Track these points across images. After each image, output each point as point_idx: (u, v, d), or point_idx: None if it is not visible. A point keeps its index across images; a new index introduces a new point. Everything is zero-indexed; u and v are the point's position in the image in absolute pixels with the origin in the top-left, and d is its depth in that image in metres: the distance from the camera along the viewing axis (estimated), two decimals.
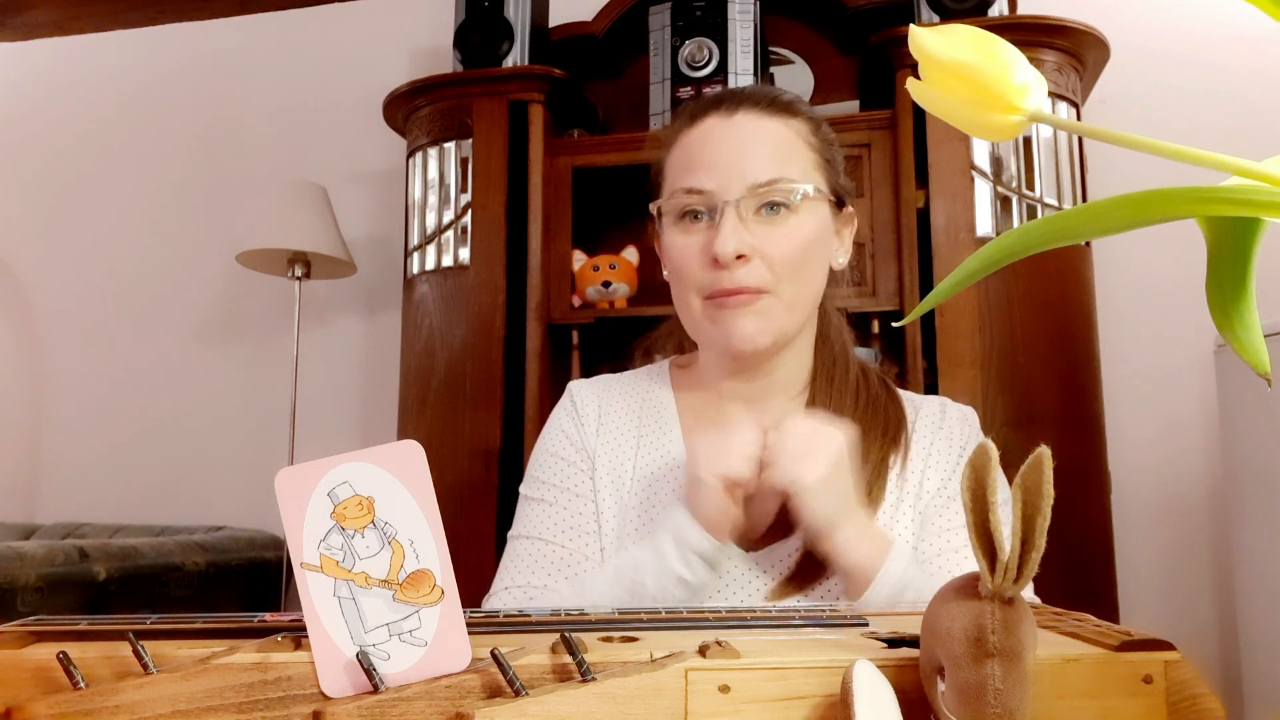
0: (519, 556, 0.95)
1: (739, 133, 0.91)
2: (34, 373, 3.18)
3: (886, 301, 2.07)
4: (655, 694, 0.45)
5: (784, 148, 0.91)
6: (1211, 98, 2.28)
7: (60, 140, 3.25)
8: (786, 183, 0.89)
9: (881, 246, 2.09)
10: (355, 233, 2.80)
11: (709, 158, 0.91)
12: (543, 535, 0.95)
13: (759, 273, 0.88)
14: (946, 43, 0.38)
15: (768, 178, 0.89)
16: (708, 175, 0.90)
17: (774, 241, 0.88)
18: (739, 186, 0.89)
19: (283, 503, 0.48)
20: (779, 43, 2.48)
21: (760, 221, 0.89)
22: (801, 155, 0.92)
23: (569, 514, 0.96)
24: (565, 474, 0.98)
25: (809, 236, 0.90)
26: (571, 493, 0.97)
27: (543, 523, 0.96)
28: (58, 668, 0.46)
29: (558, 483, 0.98)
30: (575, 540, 0.95)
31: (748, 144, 0.90)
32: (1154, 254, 2.22)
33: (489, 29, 2.32)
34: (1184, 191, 0.34)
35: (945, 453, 0.93)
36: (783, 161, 0.90)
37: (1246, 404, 1.73)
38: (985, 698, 0.41)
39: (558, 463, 0.99)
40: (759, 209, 0.89)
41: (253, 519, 2.65)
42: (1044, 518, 0.40)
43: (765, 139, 0.91)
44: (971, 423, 0.97)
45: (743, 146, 0.90)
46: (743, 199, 0.88)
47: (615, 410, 1.01)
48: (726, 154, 0.90)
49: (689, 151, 0.93)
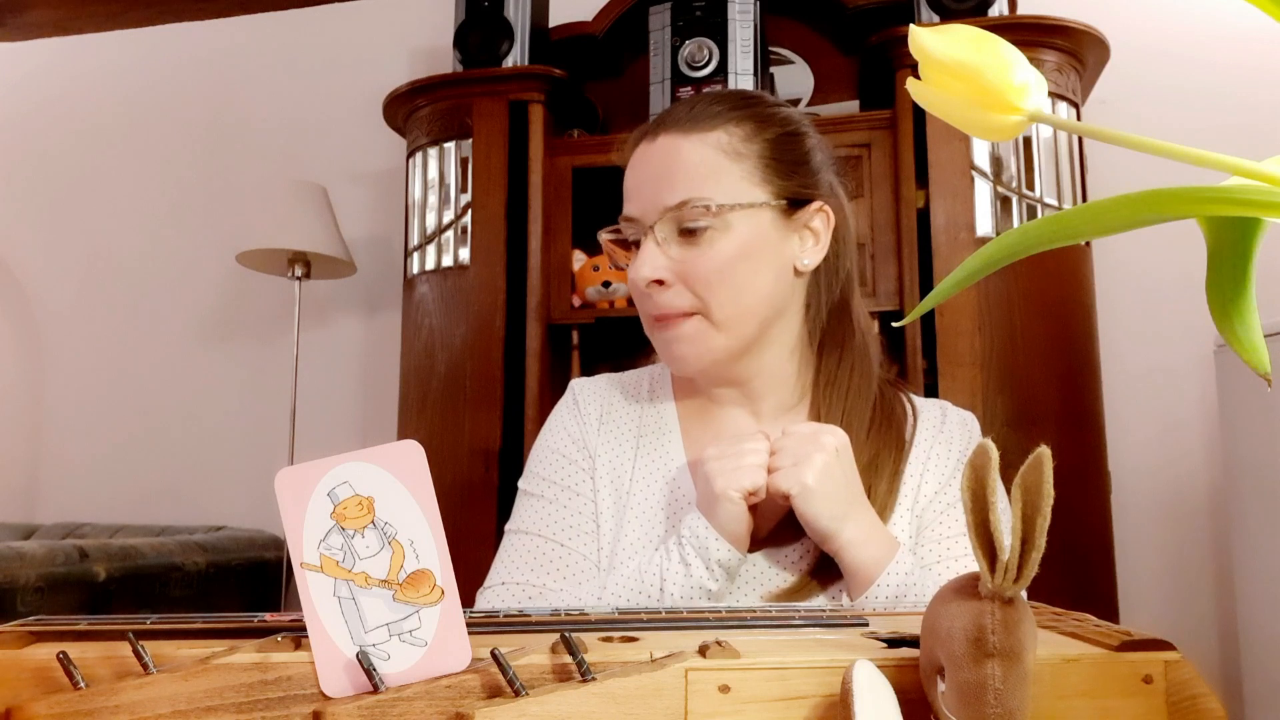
0: (516, 552, 0.95)
1: (656, 156, 0.92)
2: (34, 373, 3.18)
3: (886, 301, 2.07)
4: (655, 694, 0.45)
5: (700, 166, 0.90)
6: (1211, 98, 2.28)
7: (61, 140, 3.25)
8: (699, 200, 0.88)
9: (881, 246, 2.09)
10: (355, 233, 2.80)
11: (635, 185, 0.93)
12: (541, 532, 0.95)
13: (681, 296, 0.89)
14: (946, 43, 0.38)
15: (678, 200, 0.88)
16: (633, 203, 0.92)
17: (694, 262, 0.88)
18: (655, 211, 0.90)
19: (283, 503, 0.48)
20: (779, 43, 2.48)
21: (683, 244, 0.89)
22: (724, 169, 0.90)
23: (568, 512, 0.96)
24: (566, 471, 0.98)
25: (735, 250, 0.89)
26: (572, 491, 0.97)
27: (541, 519, 0.96)
28: (58, 668, 0.46)
29: (558, 480, 0.98)
30: (574, 539, 0.94)
31: (662, 168, 0.91)
32: (1154, 254, 2.22)
33: (489, 29, 2.32)
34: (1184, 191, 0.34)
35: (944, 458, 0.93)
36: (697, 180, 0.89)
37: (1246, 404, 1.73)
38: (985, 698, 0.41)
39: (559, 459, 0.99)
40: (680, 231, 0.89)
41: (253, 519, 2.65)
42: (1044, 518, 0.40)
43: (678, 161, 0.90)
44: (971, 428, 0.97)
45: (657, 171, 0.91)
46: (657, 224, 0.89)
47: (617, 411, 1.01)
48: (645, 180, 0.92)
49: (627, 180, 0.95)
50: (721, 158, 0.90)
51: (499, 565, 0.96)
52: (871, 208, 2.11)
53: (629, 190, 0.94)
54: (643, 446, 0.98)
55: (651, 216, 0.90)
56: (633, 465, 0.97)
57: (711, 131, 0.91)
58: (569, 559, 0.94)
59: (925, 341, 2.00)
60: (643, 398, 1.02)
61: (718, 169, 0.90)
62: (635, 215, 0.92)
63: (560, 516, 0.96)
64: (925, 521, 0.91)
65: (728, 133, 0.91)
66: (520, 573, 0.93)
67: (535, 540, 0.95)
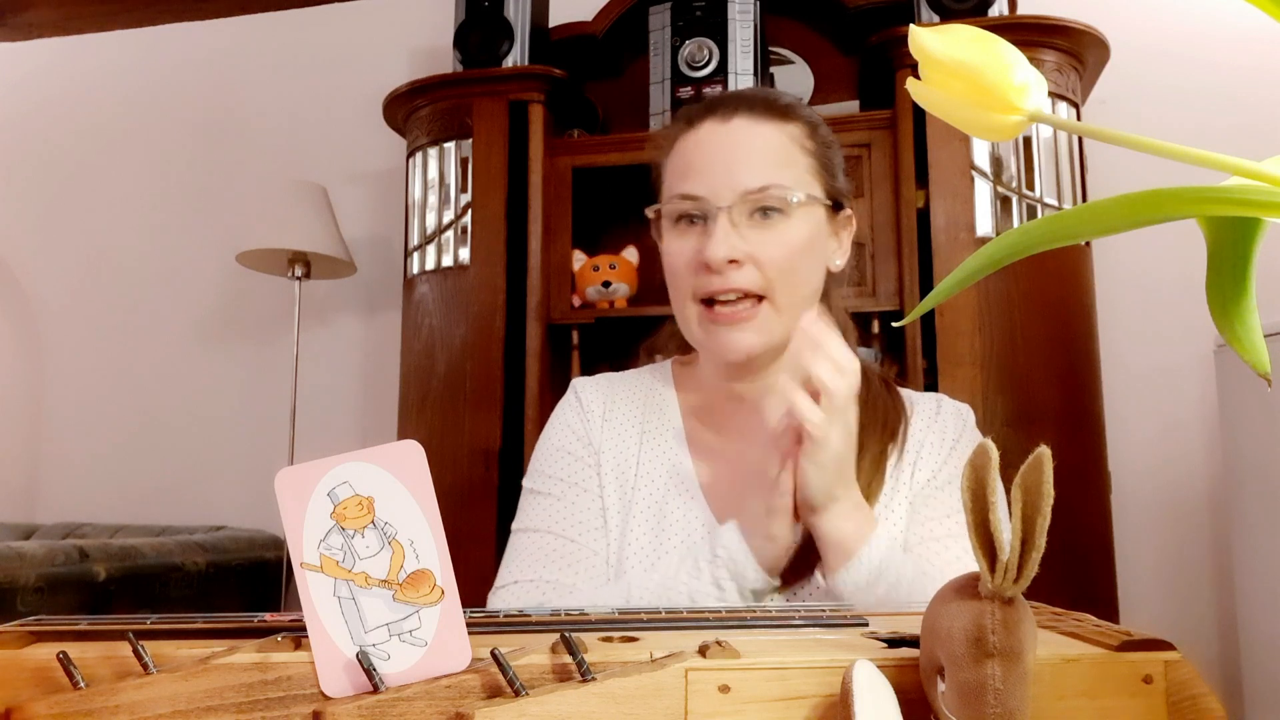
0: (525, 550, 0.95)
1: (734, 138, 0.92)
2: (34, 373, 3.18)
3: (886, 301, 2.07)
4: (655, 694, 0.45)
5: (778, 153, 0.92)
6: (1211, 98, 2.28)
7: (60, 140, 3.25)
8: (779, 189, 0.90)
9: (881, 246, 2.09)
10: (355, 233, 2.80)
11: (704, 163, 0.92)
12: (550, 529, 0.95)
13: (751, 276, 0.89)
14: (946, 43, 0.38)
15: (760, 184, 0.89)
16: (702, 181, 0.91)
17: (766, 247, 0.89)
18: (732, 192, 0.90)
19: (283, 503, 0.48)
20: (779, 43, 2.48)
21: (753, 226, 0.90)
22: (796, 160, 0.93)
23: (576, 508, 0.96)
24: (571, 468, 0.98)
25: (801, 241, 0.91)
26: (579, 487, 0.97)
27: (549, 516, 0.96)
28: (58, 668, 0.46)
29: (564, 477, 0.98)
30: (583, 535, 0.95)
31: (742, 150, 0.91)
32: (1154, 254, 2.21)
33: (489, 29, 2.32)
34: (1184, 191, 0.34)
35: (937, 445, 0.95)
36: (776, 167, 0.91)
37: (1246, 404, 1.73)
38: (985, 698, 0.41)
39: (563, 457, 0.99)
40: (752, 214, 0.90)
41: (253, 519, 2.65)
42: (1044, 518, 0.40)
43: (759, 144, 0.92)
44: (965, 418, 0.98)
45: (737, 152, 0.91)
46: (735, 205, 0.89)
47: (620, 407, 1.01)
48: (721, 160, 0.91)
49: (686, 156, 0.94)
50: (795, 149, 0.93)
51: (510, 564, 0.95)
52: (871, 208, 2.11)
53: (692, 167, 0.92)
54: (646, 442, 0.99)
55: (726, 197, 0.90)
56: (637, 460, 0.98)
57: (787, 122, 0.93)
58: (580, 554, 0.94)
59: (925, 341, 2.00)
60: (645, 395, 1.03)
61: (792, 159, 0.92)
62: (702, 193, 0.91)
63: (569, 512, 0.96)
64: (915, 504, 0.93)
65: (799, 126, 0.94)
66: (533, 570, 0.93)
67: (545, 537, 0.95)
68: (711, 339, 0.92)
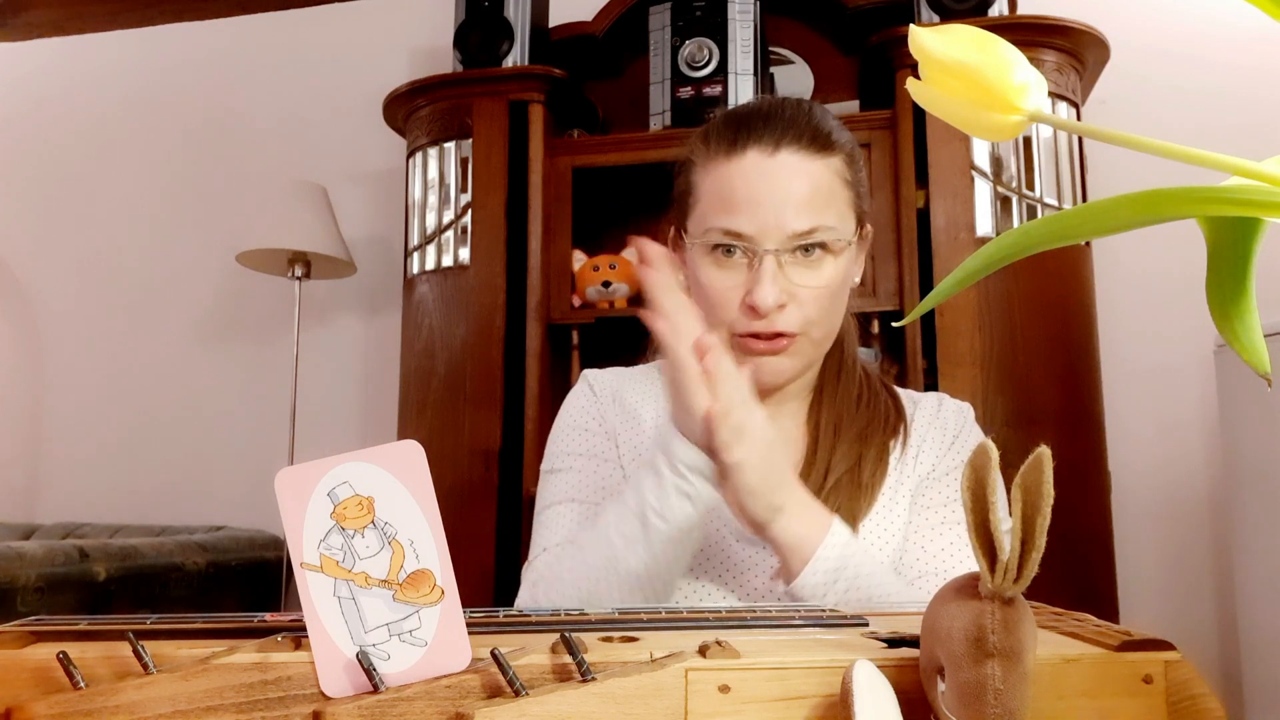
0: (553, 521, 0.96)
1: (781, 175, 0.89)
2: (34, 372, 3.18)
3: (886, 301, 2.07)
4: (655, 694, 0.45)
5: (824, 193, 0.90)
6: (1211, 98, 2.28)
7: (60, 140, 3.25)
8: (825, 230, 0.89)
9: (881, 246, 2.09)
10: (355, 233, 2.80)
11: (749, 199, 0.89)
12: (574, 498, 0.96)
13: (793, 318, 0.90)
14: (946, 43, 0.38)
15: (808, 226, 0.89)
16: (748, 219, 0.89)
17: (809, 286, 0.90)
18: (780, 234, 0.88)
19: (283, 503, 0.48)
20: (779, 43, 2.48)
21: (795, 264, 0.90)
22: (838, 196, 0.92)
23: (598, 476, 0.97)
24: (589, 443, 1.00)
25: (840, 276, 0.92)
26: (599, 458, 0.99)
27: (571, 487, 0.97)
28: (58, 668, 0.46)
29: (582, 451, 0.99)
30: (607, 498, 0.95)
31: (789, 189, 0.89)
32: (1154, 254, 2.21)
33: (489, 29, 2.32)
34: (1184, 191, 0.34)
35: (938, 440, 0.98)
36: (823, 208, 0.90)
37: (1246, 404, 1.73)
38: (985, 698, 0.41)
39: (580, 434, 1.01)
40: (794, 251, 0.90)
41: (253, 519, 2.65)
42: (1044, 518, 0.40)
43: (806, 185, 0.90)
44: (966, 414, 1.01)
45: (785, 192, 0.89)
46: (781, 247, 0.89)
47: (630, 394, 1.03)
48: (768, 198, 0.89)
49: (728, 186, 0.91)
50: (839, 185, 0.92)
51: (541, 536, 0.96)
52: (871, 208, 2.10)
53: (737, 203, 0.90)
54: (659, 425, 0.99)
55: (774, 239, 0.88)
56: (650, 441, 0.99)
57: (833, 156, 0.92)
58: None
59: (925, 341, 2.00)
60: (654, 384, 1.04)
61: (836, 197, 0.92)
62: (750, 233, 0.89)
63: (591, 481, 0.97)
64: (915, 495, 0.95)
65: (841, 159, 0.93)
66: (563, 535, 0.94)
67: (570, 506, 0.96)
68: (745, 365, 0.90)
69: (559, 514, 0.96)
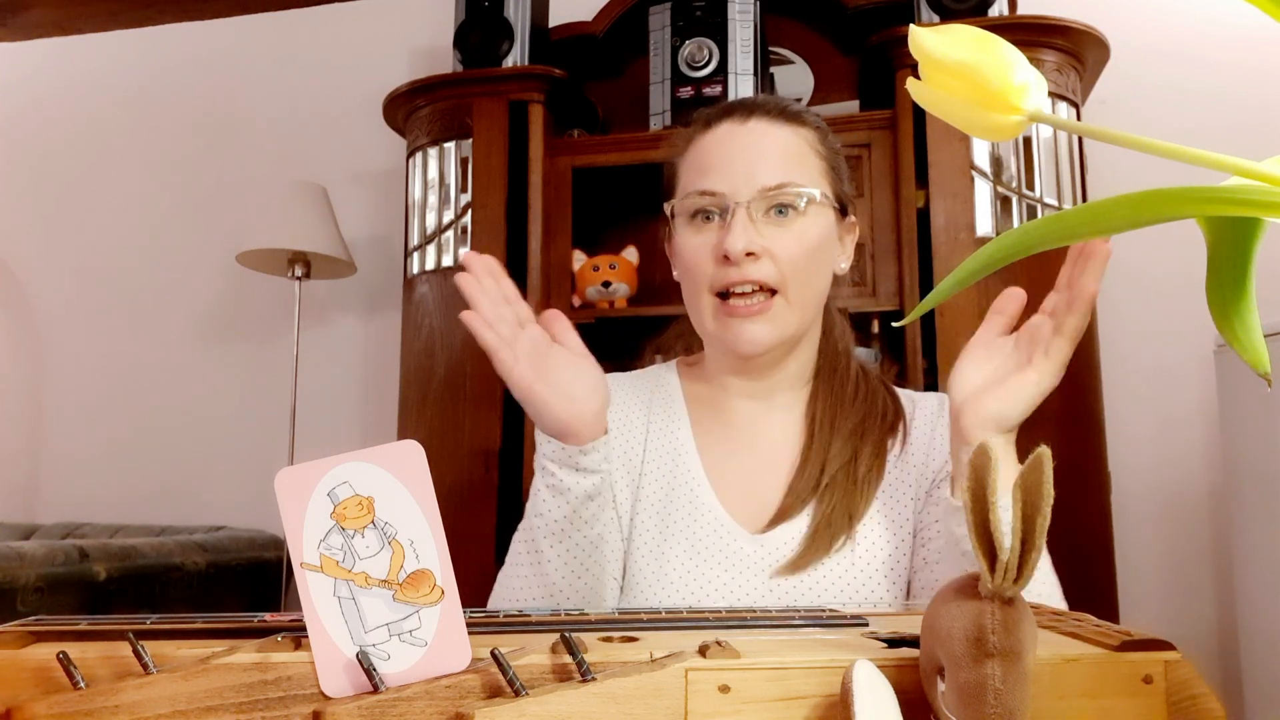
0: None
1: (751, 138, 0.95)
2: (34, 372, 3.18)
3: (886, 301, 2.07)
4: (655, 694, 0.45)
5: (793, 154, 0.95)
6: (1211, 98, 2.28)
7: (60, 140, 3.25)
8: (794, 187, 0.93)
9: (881, 246, 2.09)
10: (355, 233, 2.80)
11: (722, 161, 0.95)
12: None
13: (768, 269, 0.92)
14: (946, 43, 0.38)
15: (777, 181, 0.93)
16: (720, 178, 0.94)
17: (782, 242, 0.93)
18: (750, 188, 0.93)
19: (283, 503, 0.48)
20: (779, 43, 2.48)
21: (769, 223, 0.93)
22: (809, 162, 0.96)
23: None
24: None
25: (815, 240, 0.94)
26: None
27: None
28: (58, 668, 0.46)
29: None
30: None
31: (759, 149, 0.95)
32: (1154, 254, 2.21)
33: (489, 29, 2.32)
34: (1184, 191, 0.34)
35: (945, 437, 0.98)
36: (792, 167, 0.94)
37: (1246, 404, 1.73)
38: (985, 698, 0.41)
39: None
40: (768, 211, 0.93)
41: (253, 519, 2.65)
42: (1044, 518, 0.40)
43: (776, 144, 0.95)
44: None
45: (754, 151, 0.94)
46: (753, 200, 0.93)
47: (625, 400, 1.04)
48: (738, 158, 0.94)
49: (703, 155, 0.97)
50: (809, 151, 0.97)
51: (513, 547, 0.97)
52: (871, 208, 2.11)
53: (711, 165, 0.96)
54: (652, 433, 1.01)
55: (744, 193, 0.93)
56: (643, 450, 1.00)
57: (802, 126, 0.97)
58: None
59: (925, 341, 2.00)
60: (651, 390, 1.05)
61: (807, 161, 0.96)
62: (722, 190, 0.94)
63: None
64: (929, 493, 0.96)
65: (811, 131, 0.98)
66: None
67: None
68: (726, 331, 0.95)
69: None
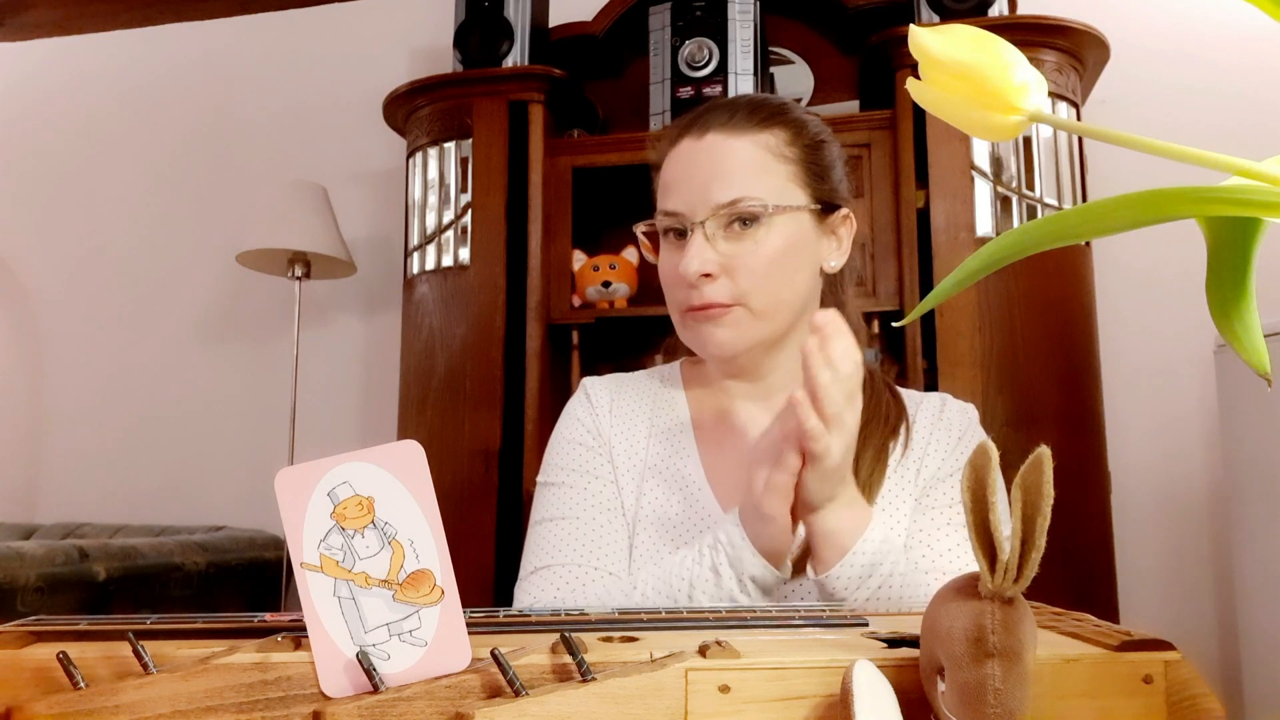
0: (547, 538, 0.97)
1: (704, 155, 0.95)
2: (34, 372, 3.18)
3: (886, 301, 2.07)
4: (655, 694, 0.45)
5: (751, 165, 0.94)
6: (1211, 98, 2.28)
7: (60, 140, 3.25)
8: (751, 200, 0.92)
9: (881, 246, 2.09)
10: (355, 233, 2.80)
11: (678, 180, 0.96)
12: (566, 515, 0.97)
13: (725, 288, 0.92)
14: (946, 43, 0.38)
15: (731, 197, 0.92)
16: (678, 198, 0.95)
17: (741, 257, 0.92)
18: (705, 208, 0.93)
19: (283, 503, 0.48)
20: (779, 43, 2.48)
21: (730, 238, 0.93)
22: (772, 169, 0.95)
23: (589, 494, 0.98)
24: (584, 458, 1.01)
25: (778, 248, 0.93)
26: (592, 475, 1.00)
27: (565, 504, 0.98)
28: (58, 668, 0.46)
29: (576, 467, 1.00)
30: (601, 517, 0.97)
31: (713, 166, 0.94)
32: (1154, 254, 2.21)
33: (489, 29, 2.32)
34: (1184, 191, 0.34)
35: (944, 441, 0.97)
36: (749, 180, 0.93)
37: (1246, 404, 1.73)
38: (985, 698, 0.41)
39: (575, 448, 1.01)
40: (729, 225, 0.93)
41: (253, 519, 2.65)
42: (1044, 518, 0.40)
43: (730, 159, 0.94)
44: (970, 415, 1.01)
45: (708, 169, 0.94)
46: (709, 219, 0.92)
47: (627, 402, 1.04)
48: (694, 177, 0.94)
49: (668, 174, 0.98)
50: (770, 159, 0.95)
51: (533, 553, 0.97)
52: (871, 208, 2.11)
53: (671, 184, 0.96)
54: (654, 436, 1.01)
55: (701, 212, 0.93)
56: (645, 453, 1.00)
57: (760, 133, 0.95)
58: (602, 535, 0.96)
59: (925, 341, 2.00)
60: (653, 391, 1.05)
61: (766, 169, 0.94)
62: (680, 210, 0.94)
63: (584, 498, 0.98)
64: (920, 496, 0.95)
65: (774, 135, 0.96)
66: (558, 555, 0.95)
67: (562, 523, 0.97)
68: (696, 335, 0.96)
69: (551, 531, 0.97)
